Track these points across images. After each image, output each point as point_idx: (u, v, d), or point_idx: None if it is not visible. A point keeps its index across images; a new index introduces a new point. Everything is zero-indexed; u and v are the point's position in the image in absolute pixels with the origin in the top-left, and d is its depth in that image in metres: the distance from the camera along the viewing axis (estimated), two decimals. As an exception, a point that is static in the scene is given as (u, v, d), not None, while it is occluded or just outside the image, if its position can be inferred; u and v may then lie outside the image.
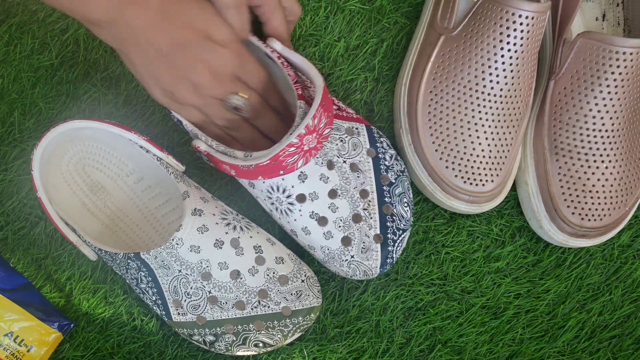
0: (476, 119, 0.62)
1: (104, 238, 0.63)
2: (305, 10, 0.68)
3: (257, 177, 0.59)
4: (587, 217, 0.63)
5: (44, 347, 0.63)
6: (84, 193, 0.64)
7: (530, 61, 0.62)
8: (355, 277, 0.63)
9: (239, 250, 0.60)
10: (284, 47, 0.62)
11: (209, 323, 0.61)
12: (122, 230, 0.64)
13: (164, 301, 0.60)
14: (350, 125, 0.63)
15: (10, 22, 0.67)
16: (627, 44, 0.59)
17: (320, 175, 0.61)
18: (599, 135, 0.62)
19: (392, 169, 0.63)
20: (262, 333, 0.61)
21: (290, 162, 0.58)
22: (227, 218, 0.61)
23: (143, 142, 0.60)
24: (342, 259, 0.62)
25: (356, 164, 0.62)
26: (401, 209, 0.63)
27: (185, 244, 0.58)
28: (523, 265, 0.67)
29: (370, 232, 0.62)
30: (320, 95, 0.58)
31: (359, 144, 0.62)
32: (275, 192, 0.61)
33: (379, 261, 0.62)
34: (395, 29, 0.69)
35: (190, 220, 0.58)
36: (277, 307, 0.61)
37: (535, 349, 0.67)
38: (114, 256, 0.59)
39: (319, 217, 0.61)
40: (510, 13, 0.59)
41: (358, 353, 0.66)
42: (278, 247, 0.62)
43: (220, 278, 0.60)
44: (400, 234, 0.63)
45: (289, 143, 0.57)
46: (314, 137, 0.58)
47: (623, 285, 0.68)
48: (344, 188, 0.61)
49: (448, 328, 0.66)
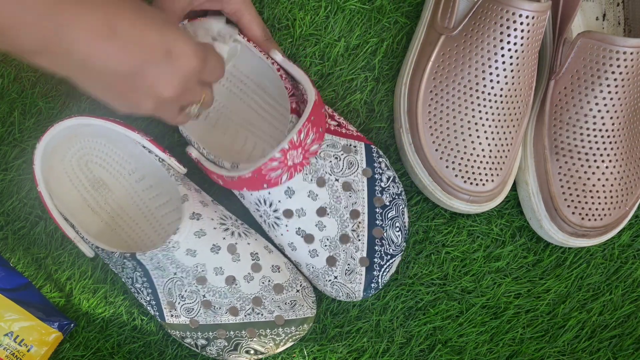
0: (476, 119, 0.62)
1: (102, 235, 0.63)
2: (305, 9, 0.68)
3: (242, 188, 0.59)
4: (588, 216, 0.63)
5: (44, 346, 0.63)
6: (85, 189, 0.64)
7: (531, 61, 0.62)
8: (339, 297, 0.62)
9: (236, 257, 0.60)
10: (284, 59, 0.61)
11: (202, 327, 0.61)
12: (121, 228, 0.64)
13: (157, 302, 0.60)
14: (348, 143, 0.61)
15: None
16: (628, 44, 0.59)
17: (308, 192, 0.60)
18: (599, 135, 0.62)
19: (387, 191, 0.62)
20: (254, 340, 0.61)
21: (273, 176, 0.57)
22: (226, 223, 0.60)
23: (146, 142, 0.60)
24: (326, 279, 0.62)
25: (350, 183, 0.61)
26: (392, 234, 0.61)
27: (182, 247, 0.58)
28: (523, 265, 0.67)
29: (357, 255, 0.61)
30: (309, 110, 0.57)
31: (355, 163, 0.61)
32: (263, 205, 0.60)
33: (362, 285, 0.61)
34: (395, 29, 0.69)
35: (188, 224, 0.58)
36: (270, 315, 0.61)
37: (535, 348, 0.67)
38: (110, 255, 0.59)
39: (305, 234, 0.61)
40: (510, 12, 0.59)
41: (358, 353, 0.66)
42: (275, 255, 0.62)
43: (215, 283, 0.60)
44: (389, 259, 0.61)
45: (271, 157, 0.56)
46: (299, 153, 0.57)
47: (623, 285, 0.68)
48: (334, 207, 0.60)
49: (448, 328, 0.66)
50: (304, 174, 0.59)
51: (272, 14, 0.67)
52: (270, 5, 0.67)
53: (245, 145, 0.64)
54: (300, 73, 0.60)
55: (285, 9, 0.67)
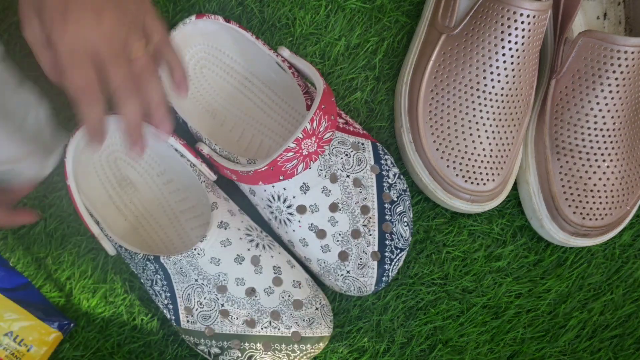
0: (477, 118, 0.62)
1: (125, 234, 0.63)
2: (306, 9, 0.68)
3: (257, 182, 0.59)
4: (589, 216, 0.63)
5: (44, 346, 0.63)
6: (112, 186, 0.63)
7: (532, 60, 0.62)
8: (349, 292, 0.62)
9: (258, 269, 0.60)
10: (291, 54, 0.62)
11: (217, 335, 0.60)
12: (144, 228, 0.64)
13: (175, 306, 0.60)
14: (356, 140, 0.62)
15: (10, 21, 0.67)
16: (629, 43, 0.59)
17: (322, 188, 0.60)
18: (600, 134, 0.62)
19: (394, 187, 0.63)
20: (268, 354, 0.61)
21: (289, 167, 0.58)
22: (251, 235, 0.60)
23: (179, 146, 0.60)
24: (338, 274, 0.62)
25: (359, 179, 0.62)
26: (401, 228, 0.62)
27: (207, 255, 0.58)
28: (524, 265, 0.67)
29: (368, 249, 0.62)
30: (320, 98, 0.58)
31: (363, 160, 0.62)
32: (276, 201, 0.60)
33: (375, 278, 0.62)
34: (396, 28, 0.69)
35: (215, 233, 0.58)
36: (287, 330, 0.61)
37: (536, 348, 0.67)
38: (133, 255, 0.59)
39: (317, 229, 0.61)
40: (511, 12, 0.59)
41: (359, 353, 0.66)
42: (297, 270, 0.62)
43: (236, 293, 0.59)
44: (398, 252, 0.62)
45: (287, 148, 0.57)
46: (314, 142, 0.58)
47: (624, 284, 0.68)
48: (346, 202, 0.61)
49: (449, 328, 0.66)
50: (319, 169, 0.60)
51: (273, 13, 0.67)
52: (271, 4, 0.67)
53: (252, 143, 0.65)
54: (307, 65, 0.61)
55: (285, 8, 0.67)
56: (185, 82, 0.54)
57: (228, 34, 0.64)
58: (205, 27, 0.63)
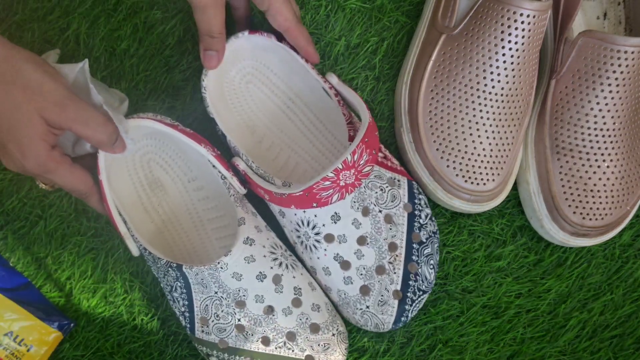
0: (477, 118, 0.62)
1: (150, 237, 0.63)
2: (306, 8, 0.68)
3: (289, 205, 0.59)
4: (589, 216, 0.63)
5: (44, 346, 0.63)
6: (143, 188, 0.63)
7: (532, 60, 0.62)
8: (366, 327, 0.62)
9: (279, 288, 0.60)
10: (339, 82, 0.62)
11: (230, 349, 0.60)
12: (169, 232, 0.64)
13: (191, 315, 0.60)
14: (393, 176, 0.62)
15: (10, 20, 0.67)
16: (629, 43, 0.59)
17: (353, 220, 0.60)
18: (600, 134, 0.62)
19: (425, 228, 0.62)
20: None
21: (324, 195, 0.58)
22: (276, 253, 0.60)
23: (211, 157, 0.59)
24: (357, 307, 0.62)
25: (391, 215, 0.61)
26: (426, 270, 0.62)
27: (229, 270, 0.58)
28: (524, 265, 0.67)
29: (391, 287, 0.61)
30: (364, 131, 0.57)
31: (397, 197, 0.62)
32: (304, 226, 0.60)
33: (394, 317, 0.61)
34: (396, 28, 0.69)
35: (241, 248, 0.58)
36: (301, 353, 0.60)
37: (536, 348, 0.67)
38: (156, 260, 0.59)
39: (342, 260, 0.61)
40: (511, 12, 0.59)
41: (359, 353, 0.65)
42: (318, 294, 0.62)
43: (253, 310, 0.59)
44: (420, 294, 0.62)
45: (325, 177, 0.56)
46: (352, 174, 0.58)
47: (624, 284, 0.68)
48: (374, 237, 0.61)
49: (449, 327, 0.66)
50: (352, 201, 0.59)
51: (273, 13, 0.67)
52: (271, 4, 0.67)
53: (287, 164, 0.65)
54: (354, 95, 0.61)
55: (285, 8, 0.67)
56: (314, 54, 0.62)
57: (277, 53, 0.63)
58: (257, 44, 0.63)
